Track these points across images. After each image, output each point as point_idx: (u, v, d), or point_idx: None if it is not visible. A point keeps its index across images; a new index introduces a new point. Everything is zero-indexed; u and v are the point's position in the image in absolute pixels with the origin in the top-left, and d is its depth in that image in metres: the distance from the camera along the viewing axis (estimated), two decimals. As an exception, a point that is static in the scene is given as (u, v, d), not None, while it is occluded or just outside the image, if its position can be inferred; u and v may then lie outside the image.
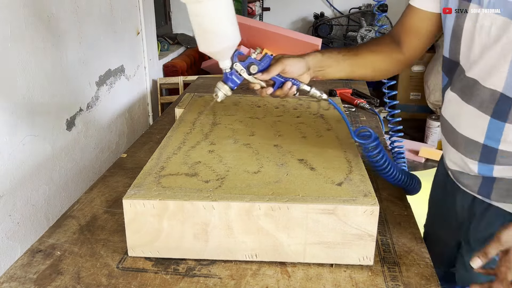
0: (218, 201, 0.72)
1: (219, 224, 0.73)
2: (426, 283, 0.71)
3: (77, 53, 1.67)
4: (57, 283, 0.71)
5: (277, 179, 0.79)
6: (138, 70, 2.35)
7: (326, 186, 0.77)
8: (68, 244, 0.81)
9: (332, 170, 0.82)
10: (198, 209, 0.72)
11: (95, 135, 1.85)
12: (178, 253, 0.76)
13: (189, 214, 0.72)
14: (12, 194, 1.34)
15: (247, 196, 0.73)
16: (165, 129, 1.12)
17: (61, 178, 1.60)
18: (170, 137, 0.99)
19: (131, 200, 0.73)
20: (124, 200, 0.73)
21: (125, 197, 0.73)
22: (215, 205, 0.72)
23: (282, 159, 0.87)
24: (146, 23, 2.39)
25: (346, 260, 0.74)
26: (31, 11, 1.37)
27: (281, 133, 1.01)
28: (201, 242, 0.74)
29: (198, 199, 0.72)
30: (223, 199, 0.72)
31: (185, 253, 0.76)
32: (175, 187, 0.76)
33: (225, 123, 1.07)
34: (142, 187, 0.76)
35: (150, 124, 2.48)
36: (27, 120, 1.39)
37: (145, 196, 0.73)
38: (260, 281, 0.71)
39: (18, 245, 1.38)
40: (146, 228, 0.74)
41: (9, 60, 1.30)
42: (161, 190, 0.75)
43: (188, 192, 0.74)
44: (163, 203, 0.72)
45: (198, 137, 0.98)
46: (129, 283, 0.71)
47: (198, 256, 0.76)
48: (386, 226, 0.87)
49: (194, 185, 0.77)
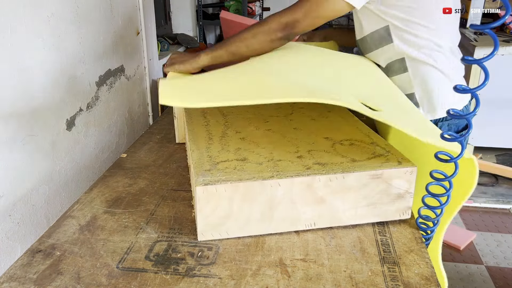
0: (283, 178, 0.79)
1: (283, 199, 0.80)
2: (426, 283, 0.71)
3: (77, 53, 1.67)
4: (57, 283, 0.71)
5: (320, 156, 0.88)
6: (138, 70, 2.35)
7: (364, 155, 0.88)
8: (68, 244, 0.81)
9: (359, 144, 0.93)
10: (265, 187, 0.78)
11: (95, 135, 1.84)
12: (246, 231, 0.82)
13: (257, 193, 0.79)
14: (12, 194, 1.33)
15: (306, 171, 0.81)
16: (165, 129, 1.12)
17: (61, 178, 1.59)
18: (192, 130, 1.02)
19: (204, 186, 0.77)
20: (198, 187, 0.77)
21: (197, 184, 0.77)
22: (280, 182, 0.79)
23: (310, 139, 0.96)
24: (146, 23, 2.39)
25: (389, 217, 0.86)
26: (31, 11, 1.37)
27: (291, 117, 1.09)
28: (266, 218, 0.81)
29: (265, 178, 0.79)
30: (286, 176, 0.79)
31: (251, 230, 0.82)
32: (236, 171, 0.82)
33: (235, 113, 1.11)
34: (207, 174, 0.81)
35: (150, 124, 2.48)
36: (27, 120, 1.39)
37: (216, 181, 0.78)
38: (260, 281, 0.71)
39: (18, 245, 1.38)
40: (217, 212, 0.79)
41: (9, 60, 1.29)
42: (225, 174, 0.80)
43: (252, 174, 0.80)
44: (234, 186, 0.78)
45: (220, 127, 1.03)
46: (129, 283, 0.71)
47: (263, 232, 0.82)
48: (386, 226, 0.87)
49: (251, 167, 0.83)
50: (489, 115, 2.44)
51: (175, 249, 0.80)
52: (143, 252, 0.79)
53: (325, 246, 0.81)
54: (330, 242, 0.82)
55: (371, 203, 0.85)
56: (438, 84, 1.13)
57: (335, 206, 0.84)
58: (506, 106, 2.46)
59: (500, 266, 1.88)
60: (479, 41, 2.40)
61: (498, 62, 2.32)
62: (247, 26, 1.05)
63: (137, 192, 1.00)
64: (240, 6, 3.58)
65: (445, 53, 1.13)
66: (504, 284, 1.78)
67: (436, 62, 1.12)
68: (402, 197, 0.85)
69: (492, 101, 2.39)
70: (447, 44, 1.13)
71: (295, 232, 0.84)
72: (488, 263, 1.90)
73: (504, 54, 2.34)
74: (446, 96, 1.14)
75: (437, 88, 1.14)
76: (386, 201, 0.85)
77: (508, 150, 2.77)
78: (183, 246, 0.81)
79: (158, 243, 0.81)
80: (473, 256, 1.95)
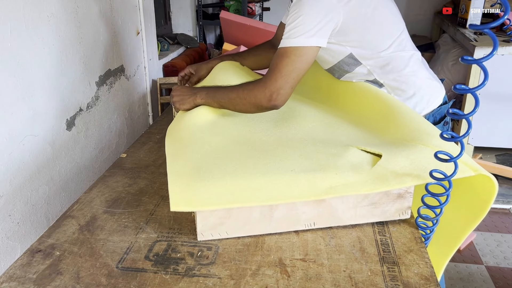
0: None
1: None
2: (426, 283, 0.71)
3: (77, 53, 1.67)
4: (56, 283, 0.71)
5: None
6: (138, 70, 2.35)
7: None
8: (67, 244, 0.81)
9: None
10: None
11: (95, 135, 1.84)
12: (245, 231, 0.82)
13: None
14: (12, 194, 1.34)
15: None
16: (165, 129, 1.12)
17: (61, 178, 1.59)
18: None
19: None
20: None
21: None
22: None
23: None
24: (146, 23, 2.39)
25: (388, 217, 0.86)
26: (31, 11, 1.37)
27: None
28: (266, 218, 0.81)
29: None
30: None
31: (251, 230, 0.82)
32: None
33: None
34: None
35: (150, 124, 2.48)
36: (27, 120, 1.39)
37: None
38: (260, 281, 0.71)
39: (18, 245, 1.38)
40: (216, 212, 0.79)
41: (9, 60, 1.29)
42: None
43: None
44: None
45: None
46: (129, 283, 0.71)
47: (263, 232, 0.82)
48: (385, 226, 0.87)
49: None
50: (489, 115, 2.44)
51: (174, 249, 0.80)
52: (143, 252, 0.79)
53: (325, 246, 0.81)
54: (330, 242, 0.82)
55: (371, 203, 0.85)
56: (415, 90, 1.13)
57: (334, 206, 0.84)
58: (506, 106, 2.46)
59: (500, 266, 1.88)
60: (479, 41, 2.40)
61: (498, 62, 2.32)
62: (247, 26, 1.06)
63: (137, 192, 1.00)
64: (240, 6, 3.58)
65: (413, 54, 1.14)
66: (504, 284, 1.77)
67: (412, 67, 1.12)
68: (402, 197, 0.85)
69: (492, 101, 2.39)
70: (410, 45, 1.14)
71: (295, 232, 0.84)
72: (488, 263, 1.90)
73: (504, 54, 2.34)
74: (422, 98, 1.14)
75: (415, 94, 1.13)
76: (386, 201, 0.85)
77: (508, 150, 2.77)
78: (182, 246, 0.81)
79: (157, 243, 0.81)
80: (473, 256, 1.95)
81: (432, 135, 0.89)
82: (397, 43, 1.10)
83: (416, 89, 1.13)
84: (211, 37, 4.20)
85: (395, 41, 1.10)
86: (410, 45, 1.14)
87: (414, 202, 0.87)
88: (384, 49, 1.09)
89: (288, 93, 0.99)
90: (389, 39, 1.09)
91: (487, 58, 0.67)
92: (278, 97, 0.99)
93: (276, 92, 0.98)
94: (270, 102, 0.99)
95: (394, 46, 1.10)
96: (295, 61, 0.98)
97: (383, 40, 1.09)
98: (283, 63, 0.99)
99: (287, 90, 0.99)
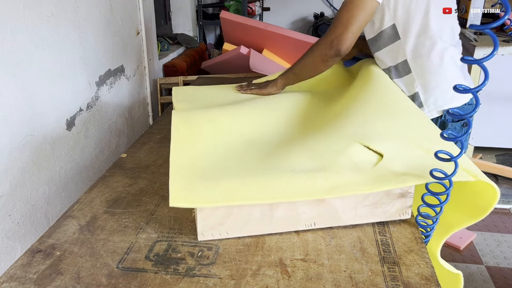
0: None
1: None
2: (426, 283, 0.71)
3: (77, 53, 1.67)
4: (57, 283, 0.71)
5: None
6: (138, 70, 2.35)
7: None
8: (68, 244, 0.81)
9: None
10: None
11: (95, 135, 1.84)
12: (245, 231, 0.82)
13: None
14: (12, 194, 1.33)
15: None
16: (165, 129, 1.12)
17: (61, 178, 1.59)
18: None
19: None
20: None
21: None
22: None
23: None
24: (146, 23, 2.39)
25: (389, 217, 0.86)
26: (31, 11, 1.37)
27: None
28: (267, 218, 0.81)
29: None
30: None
31: (251, 230, 0.82)
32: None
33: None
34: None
35: (150, 124, 2.48)
36: (27, 120, 1.39)
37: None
38: (260, 281, 0.71)
39: (18, 245, 1.38)
40: (217, 212, 0.79)
41: (9, 60, 1.29)
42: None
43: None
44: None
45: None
46: (129, 283, 0.71)
47: (263, 232, 0.82)
48: (386, 226, 0.87)
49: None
50: (489, 115, 2.44)
51: (175, 249, 0.80)
52: (143, 252, 0.79)
53: (325, 246, 0.81)
54: (330, 242, 0.82)
55: (372, 203, 0.85)
56: (439, 82, 1.14)
57: (335, 206, 0.84)
58: (506, 106, 2.46)
59: (500, 266, 1.88)
60: (479, 41, 2.40)
61: (498, 62, 2.32)
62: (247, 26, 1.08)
63: (137, 192, 1.00)
64: (240, 6, 3.58)
65: (448, 48, 1.14)
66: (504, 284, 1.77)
67: (441, 58, 1.14)
68: (402, 197, 0.85)
69: (492, 101, 2.39)
70: (448, 40, 1.15)
71: (295, 232, 0.84)
72: (488, 263, 1.90)
73: (504, 54, 2.34)
74: (446, 93, 1.15)
75: (438, 86, 1.15)
76: (387, 201, 0.85)
77: (508, 150, 2.77)
78: (183, 246, 0.81)
79: (158, 243, 0.81)
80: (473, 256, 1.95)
81: (435, 140, 0.89)
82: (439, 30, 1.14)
83: (441, 81, 1.15)
84: (211, 37, 4.20)
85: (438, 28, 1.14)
86: (448, 38, 1.17)
87: (414, 201, 0.87)
88: (423, 32, 1.13)
89: (349, 38, 1.06)
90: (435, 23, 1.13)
91: (488, 58, 0.67)
92: (339, 43, 1.06)
93: (336, 38, 1.06)
94: (332, 49, 1.07)
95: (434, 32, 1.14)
96: (353, 10, 1.06)
97: (427, 22, 1.13)
98: (342, 12, 1.07)
99: (347, 35, 1.06)
